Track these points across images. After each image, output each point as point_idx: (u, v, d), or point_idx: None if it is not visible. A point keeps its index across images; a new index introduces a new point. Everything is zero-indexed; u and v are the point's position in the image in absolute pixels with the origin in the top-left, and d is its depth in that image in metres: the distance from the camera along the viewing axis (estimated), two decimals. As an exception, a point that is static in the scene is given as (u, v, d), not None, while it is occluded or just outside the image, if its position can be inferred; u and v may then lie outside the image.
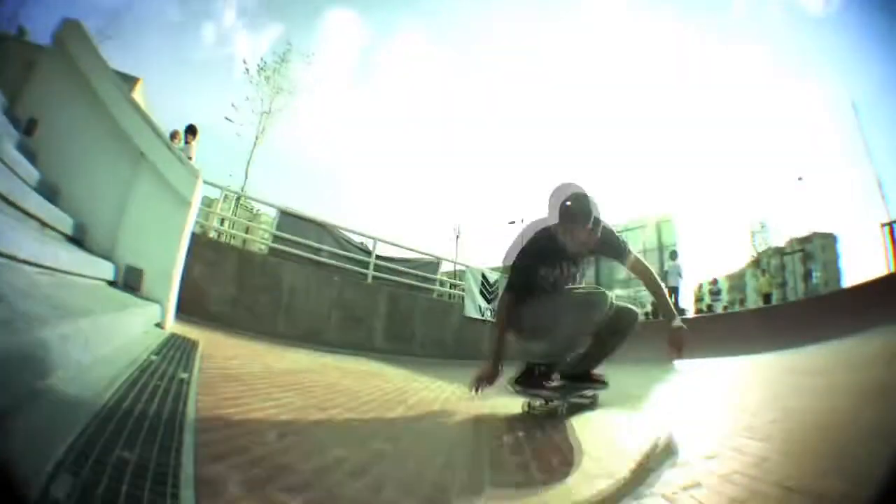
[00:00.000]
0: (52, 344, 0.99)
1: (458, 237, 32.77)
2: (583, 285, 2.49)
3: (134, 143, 3.14)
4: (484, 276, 9.47)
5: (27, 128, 2.77)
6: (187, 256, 3.45)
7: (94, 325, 1.41)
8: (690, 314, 13.24)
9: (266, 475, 1.02)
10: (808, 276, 33.59)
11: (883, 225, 10.26)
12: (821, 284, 35.04)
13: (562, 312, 2.22)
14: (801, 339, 5.42)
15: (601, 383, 2.55)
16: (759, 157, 77.13)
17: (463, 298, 8.97)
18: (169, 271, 3.15)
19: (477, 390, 2.41)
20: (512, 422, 2.20)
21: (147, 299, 2.87)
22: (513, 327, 2.41)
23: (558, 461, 1.50)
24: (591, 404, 2.50)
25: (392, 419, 2.04)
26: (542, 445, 1.73)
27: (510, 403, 2.48)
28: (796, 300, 14.35)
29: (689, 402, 2.94)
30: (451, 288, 9.64)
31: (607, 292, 2.29)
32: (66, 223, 2.42)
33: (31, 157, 2.49)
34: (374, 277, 7.64)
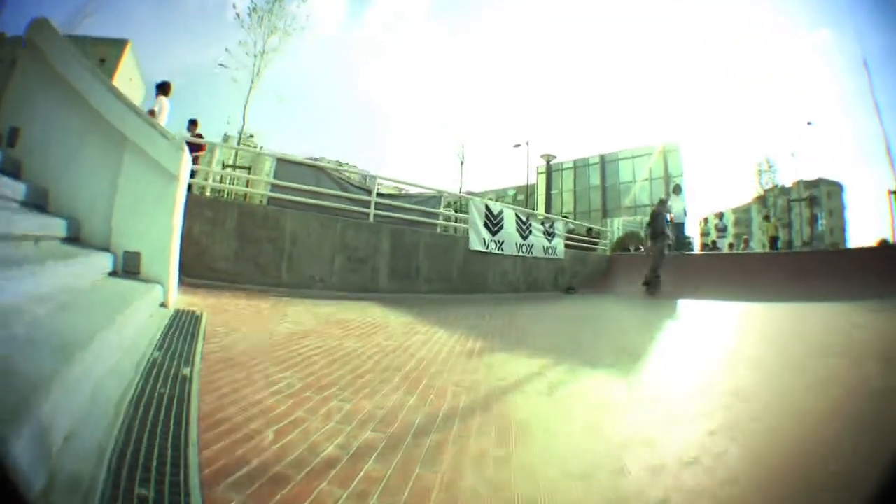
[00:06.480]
0: (47, 358, 1.13)
1: (462, 162, 32.41)
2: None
3: (116, 129, 3.25)
4: (488, 208, 9.55)
5: (10, 139, 2.89)
6: (185, 220, 3.69)
7: (94, 324, 1.61)
8: (696, 250, 13.71)
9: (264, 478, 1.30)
10: (813, 220, 33.60)
11: (891, 192, 9.86)
12: (826, 231, 35.20)
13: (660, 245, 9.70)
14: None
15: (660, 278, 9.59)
16: (770, 97, 75.35)
17: (467, 231, 9.15)
18: (165, 248, 3.39)
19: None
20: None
21: (148, 281, 3.17)
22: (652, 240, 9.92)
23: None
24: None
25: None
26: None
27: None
28: (808, 251, 14.50)
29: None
30: (455, 221, 9.80)
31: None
32: (59, 226, 2.65)
33: (16, 167, 2.66)
34: (376, 216, 7.84)
